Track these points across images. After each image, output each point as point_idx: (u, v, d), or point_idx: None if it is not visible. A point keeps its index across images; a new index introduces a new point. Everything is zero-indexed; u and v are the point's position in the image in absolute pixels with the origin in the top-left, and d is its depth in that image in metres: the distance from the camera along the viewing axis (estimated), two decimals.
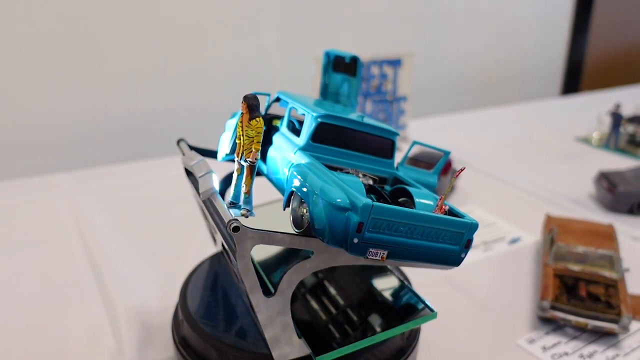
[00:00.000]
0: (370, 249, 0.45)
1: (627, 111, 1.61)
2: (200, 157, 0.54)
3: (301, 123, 0.62)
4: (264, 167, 0.62)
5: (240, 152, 0.51)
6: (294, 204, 0.51)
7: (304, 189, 0.48)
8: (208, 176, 0.50)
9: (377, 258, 0.46)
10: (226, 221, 0.45)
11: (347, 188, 0.47)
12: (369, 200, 0.44)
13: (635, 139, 1.54)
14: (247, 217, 0.49)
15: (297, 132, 0.58)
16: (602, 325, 0.74)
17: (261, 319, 0.50)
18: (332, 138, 0.56)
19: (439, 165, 0.66)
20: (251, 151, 0.49)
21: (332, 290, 0.70)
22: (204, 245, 0.82)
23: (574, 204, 1.19)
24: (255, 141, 0.49)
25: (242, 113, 0.50)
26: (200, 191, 0.48)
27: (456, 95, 2.25)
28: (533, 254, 0.98)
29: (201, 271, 0.71)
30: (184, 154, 0.67)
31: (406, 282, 0.71)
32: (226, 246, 0.52)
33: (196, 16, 1.63)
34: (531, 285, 0.88)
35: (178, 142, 0.68)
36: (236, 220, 0.45)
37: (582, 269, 0.81)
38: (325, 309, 0.66)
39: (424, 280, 0.80)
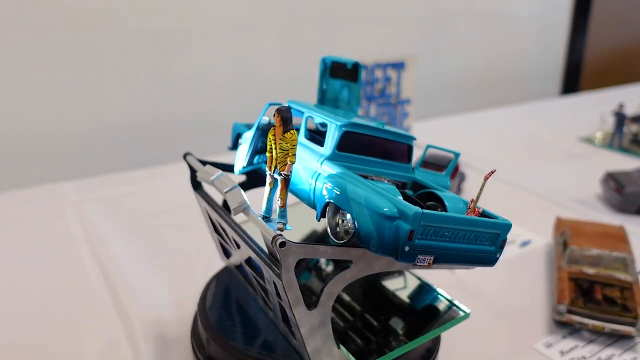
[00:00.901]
0: (419, 256, 0.46)
1: (628, 110, 1.61)
2: (218, 170, 0.54)
3: (313, 132, 0.62)
4: None
5: (274, 165, 0.50)
6: (329, 214, 0.50)
7: (345, 200, 0.48)
8: (236, 191, 0.49)
9: (425, 264, 0.47)
10: (270, 237, 0.45)
11: (391, 196, 0.47)
12: (418, 209, 0.44)
13: (639, 138, 1.54)
14: (283, 230, 0.49)
15: (316, 141, 0.57)
16: (619, 328, 0.74)
17: (304, 333, 0.49)
18: (356, 146, 0.56)
19: (450, 167, 0.66)
20: (286, 164, 0.49)
21: (346, 297, 0.70)
22: (213, 253, 0.81)
23: (581, 205, 1.19)
24: (290, 154, 0.49)
25: (274, 126, 0.49)
26: (231, 207, 0.48)
27: (456, 97, 2.26)
28: (544, 256, 0.98)
29: (215, 287, 0.71)
30: (192, 169, 0.66)
31: (428, 284, 0.71)
32: (259, 261, 0.52)
33: (197, 21, 1.62)
34: (544, 288, 0.88)
35: (185, 156, 0.67)
36: (281, 235, 0.45)
37: (596, 272, 0.81)
38: (341, 317, 0.66)
39: (437, 284, 0.80)
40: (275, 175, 0.50)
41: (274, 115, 0.49)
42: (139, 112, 1.60)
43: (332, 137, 0.55)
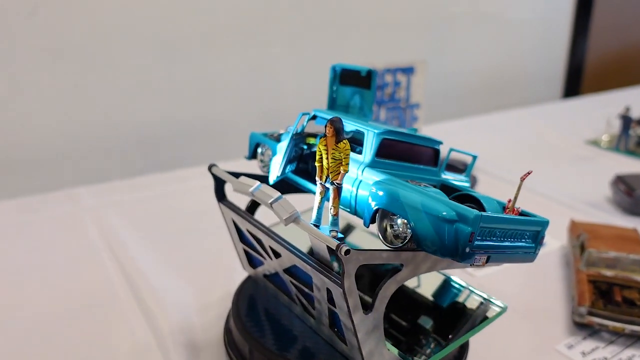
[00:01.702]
0: (476, 256, 0.48)
1: (633, 113, 1.63)
2: (255, 181, 0.55)
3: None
4: (307, 185, 0.63)
5: (325, 175, 0.51)
6: (379, 220, 0.52)
7: (399, 205, 0.49)
8: (283, 201, 0.50)
9: (479, 264, 0.49)
10: (334, 245, 0.46)
11: (445, 200, 0.49)
12: (477, 211, 0.46)
13: None
14: (336, 238, 0.50)
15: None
16: (639, 329, 0.75)
17: (360, 337, 0.51)
18: (391, 152, 0.58)
19: (469, 169, 0.69)
20: (339, 173, 0.50)
21: (368, 300, 0.71)
22: (232, 258, 0.81)
23: (592, 207, 1.21)
24: (344, 163, 0.50)
25: (325, 136, 0.51)
26: (283, 217, 0.49)
27: (460, 100, 2.27)
28: (559, 258, 1.00)
29: (243, 297, 0.71)
30: (219, 180, 0.67)
31: (456, 282, 0.72)
32: (308, 268, 0.53)
33: (208, 27, 1.63)
34: (562, 289, 0.90)
35: (210, 167, 0.68)
36: (343, 243, 0.46)
37: (615, 274, 0.82)
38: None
39: None
40: (327, 185, 0.51)
41: (327, 126, 0.50)
42: (150, 117, 1.61)
43: (370, 145, 0.56)
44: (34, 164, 1.46)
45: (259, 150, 0.73)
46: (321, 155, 0.51)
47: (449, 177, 0.67)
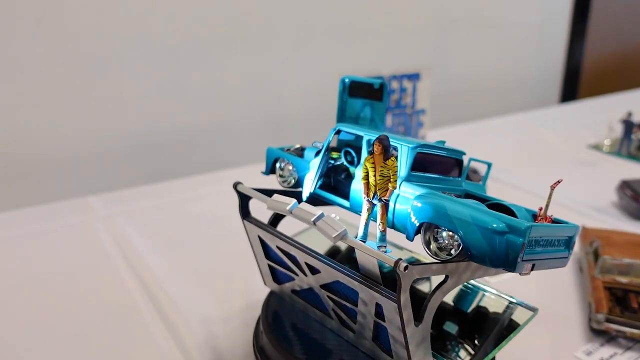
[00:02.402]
0: (525, 265, 0.50)
1: (634, 117, 1.65)
2: (291, 199, 0.55)
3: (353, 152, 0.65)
4: (336, 199, 0.64)
5: (373, 192, 0.52)
6: (422, 233, 0.53)
7: (447, 219, 0.51)
8: (327, 218, 0.51)
9: (526, 272, 0.51)
10: (392, 262, 0.48)
11: (489, 211, 0.51)
12: (526, 222, 0.48)
13: None
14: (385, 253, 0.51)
15: None
16: None
17: (412, 349, 0.52)
18: (424, 165, 0.59)
19: (485, 177, 0.71)
20: (387, 190, 0.52)
21: None
22: (250, 266, 0.82)
23: (599, 212, 1.23)
24: (392, 180, 0.52)
25: (372, 153, 0.52)
26: (331, 235, 0.50)
27: (460, 106, 2.29)
28: (571, 264, 1.01)
29: (269, 313, 0.71)
30: (244, 197, 0.67)
31: (477, 287, 0.73)
32: (354, 283, 0.54)
33: (214, 34, 1.64)
34: (576, 295, 0.91)
35: (235, 185, 0.68)
36: (401, 259, 0.48)
37: (629, 280, 0.84)
38: None
39: None
40: (374, 201, 0.53)
41: (374, 144, 0.51)
42: (157, 124, 1.61)
43: (405, 159, 0.57)
44: (42, 172, 1.46)
45: (278, 165, 0.73)
46: (367, 172, 0.52)
47: (469, 186, 0.69)
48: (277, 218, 0.70)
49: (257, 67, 1.74)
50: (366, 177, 0.53)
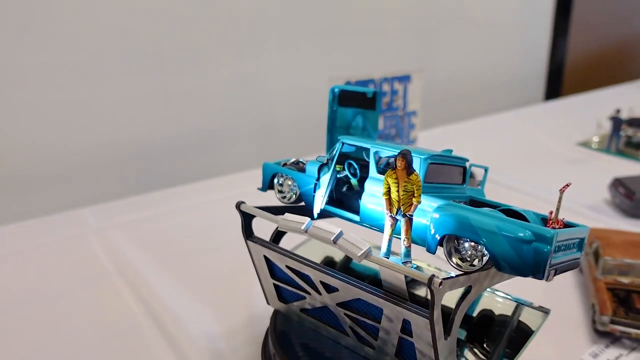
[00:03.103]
0: (550, 271, 0.50)
1: (609, 111, 1.66)
2: (304, 218, 0.54)
3: (362, 166, 0.64)
4: (345, 214, 0.64)
5: (396, 207, 0.52)
6: (445, 244, 0.53)
7: (471, 230, 0.51)
8: (349, 236, 0.50)
9: (551, 278, 0.51)
10: (426, 279, 0.48)
11: (513, 220, 0.51)
12: (552, 230, 0.49)
13: (632, 140, 1.61)
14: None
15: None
16: None
17: None
18: (434, 176, 0.59)
19: (483, 181, 0.72)
20: (411, 205, 0.52)
21: None
22: (251, 278, 0.80)
23: (592, 211, 1.24)
24: (416, 194, 0.51)
25: (394, 168, 0.51)
26: (357, 254, 0.49)
27: (446, 106, 2.30)
28: None
29: (277, 333, 0.69)
30: (246, 217, 0.65)
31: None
32: (378, 300, 0.53)
33: (202, 39, 1.62)
34: (578, 297, 0.91)
35: (238, 205, 0.65)
36: (434, 275, 0.48)
37: (631, 281, 0.84)
38: None
39: None
40: (398, 217, 0.52)
41: (397, 159, 0.51)
42: (146, 132, 1.59)
43: (418, 170, 0.56)
44: (30, 185, 1.43)
45: (276, 180, 0.72)
46: (389, 187, 0.52)
47: (470, 191, 0.69)
48: (279, 234, 0.69)
49: (246, 73, 1.73)
50: (387, 193, 0.52)
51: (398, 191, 0.51)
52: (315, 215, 0.63)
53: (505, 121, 1.99)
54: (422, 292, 0.71)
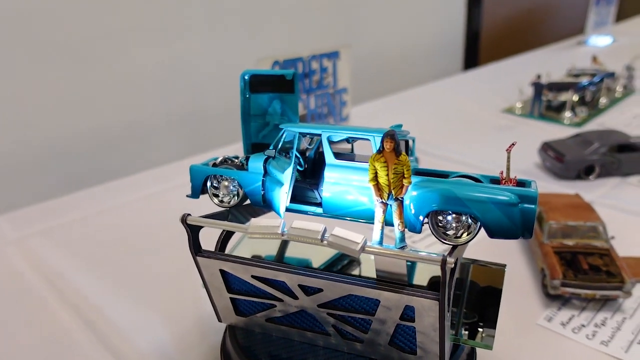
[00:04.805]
0: None
1: (528, 77, 1.71)
2: (275, 221, 0.50)
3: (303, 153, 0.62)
4: (307, 208, 0.60)
5: (387, 192, 0.49)
6: (429, 220, 0.53)
7: (458, 202, 0.51)
8: (338, 231, 0.46)
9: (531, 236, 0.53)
10: (439, 261, 0.47)
11: (494, 186, 0.52)
12: (533, 190, 0.52)
13: (553, 104, 1.67)
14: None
15: (349, 159, 0.56)
16: (608, 293, 0.80)
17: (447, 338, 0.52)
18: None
19: (412, 151, 0.70)
20: (402, 187, 0.49)
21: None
22: (189, 275, 0.75)
23: (525, 175, 1.25)
24: (406, 176, 0.49)
25: (380, 151, 0.48)
26: (355, 249, 0.46)
27: (369, 81, 2.29)
28: None
29: (238, 352, 0.63)
30: (194, 231, 0.59)
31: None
32: (374, 292, 0.52)
33: (123, 25, 1.50)
34: (524, 262, 0.93)
35: (184, 219, 0.58)
36: (444, 255, 0.47)
37: (575, 242, 0.86)
38: None
39: None
40: (390, 202, 0.50)
41: (386, 141, 0.48)
42: (61, 129, 1.46)
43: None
44: None
45: (209, 183, 0.64)
46: (375, 172, 0.49)
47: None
48: (226, 239, 0.63)
49: (167, 60, 1.63)
50: (374, 178, 0.49)
51: (388, 175, 0.49)
52: (282, 215, 0.58)
53: (430, 92, 2.01)
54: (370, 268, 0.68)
